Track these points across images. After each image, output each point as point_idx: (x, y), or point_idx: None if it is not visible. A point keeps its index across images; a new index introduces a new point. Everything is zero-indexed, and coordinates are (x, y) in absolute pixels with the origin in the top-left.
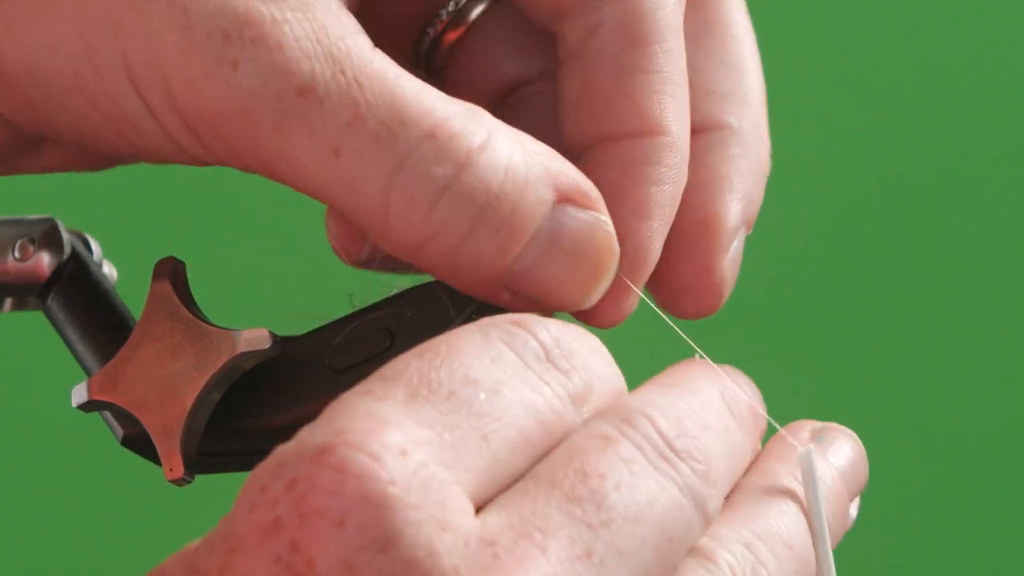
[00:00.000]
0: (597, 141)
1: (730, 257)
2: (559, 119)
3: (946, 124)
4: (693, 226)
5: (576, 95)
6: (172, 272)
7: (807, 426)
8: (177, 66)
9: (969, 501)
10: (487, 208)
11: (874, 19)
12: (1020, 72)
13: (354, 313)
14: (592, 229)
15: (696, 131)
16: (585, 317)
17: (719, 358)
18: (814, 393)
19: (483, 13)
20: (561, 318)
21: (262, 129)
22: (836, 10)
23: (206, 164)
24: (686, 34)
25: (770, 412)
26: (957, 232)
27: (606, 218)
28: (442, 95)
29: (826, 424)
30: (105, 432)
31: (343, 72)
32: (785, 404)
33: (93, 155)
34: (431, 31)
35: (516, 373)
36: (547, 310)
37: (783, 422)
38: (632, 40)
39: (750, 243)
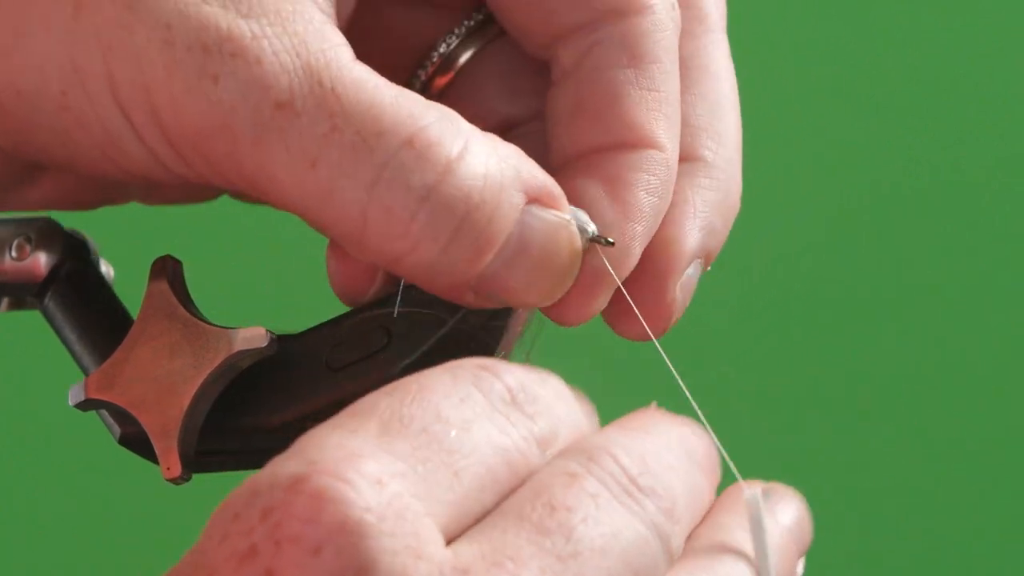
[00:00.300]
0: (588, 152)
1: (683, 281)
2: (548, 135)
3: (938, 136)
4: (650, 245)
5: (569, 109)
6: (169, 271)
7: (755, 486)
8: (160, 83)
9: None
10: (467, 218)
11: (866, 29)
12: (1011, 81)
13: (351, 311)
14: (557, 230)
15: None
16: (554, 314)
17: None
18: (800, 400)
19: (472, 57)
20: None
21: (242, 143)
22: (827, 20)
23: (191, 184)
24: None
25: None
26: (947, 244)
27: (570, 217)
28: (420, 100)
29: (773, 484)
30: (103, 431)
31: (320, 83)
32: (777, 411)
33: (85, 189)
34: (421, 74)
35: (484, 414)
36: (511, 307)
37: (746, 462)
38: (631, 58)
39: (733, 266)
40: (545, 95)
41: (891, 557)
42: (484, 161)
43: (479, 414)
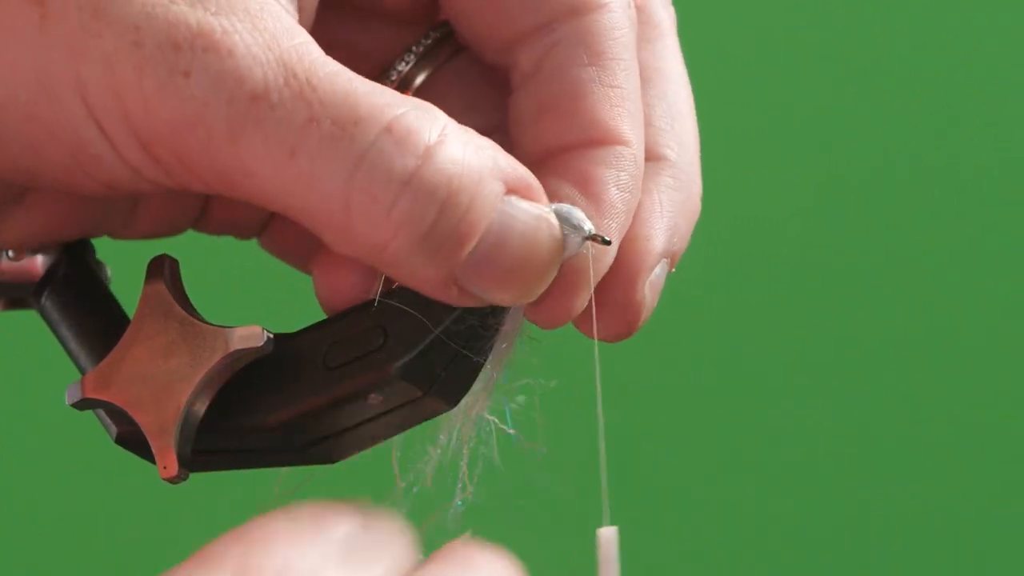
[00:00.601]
0: (556, 152)
1: (651, 280)
2: (513, 139)
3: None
4: (619, 244)
5: (533, 111)
6: (166, 270)
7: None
8: (130, 84)
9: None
10: (448, 203)
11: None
12: (995, 49)
13: (347, 311)
14: (538, 222)
15: None
16: (534, 314)
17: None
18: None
19: (430, 76)
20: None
21: (216, 138)
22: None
23: (165, 189)
24: None
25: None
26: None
27: (550, 212)
28: (394, 92)
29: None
30: (100, 430)
31: (295, 76)
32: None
33: (62, 220)
34: None
35: (327, 561)
36: (494, 304)
37: None
38: (591, 56)
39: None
40: (503, 108)
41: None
42: (462, 149)
43: (322, 562)
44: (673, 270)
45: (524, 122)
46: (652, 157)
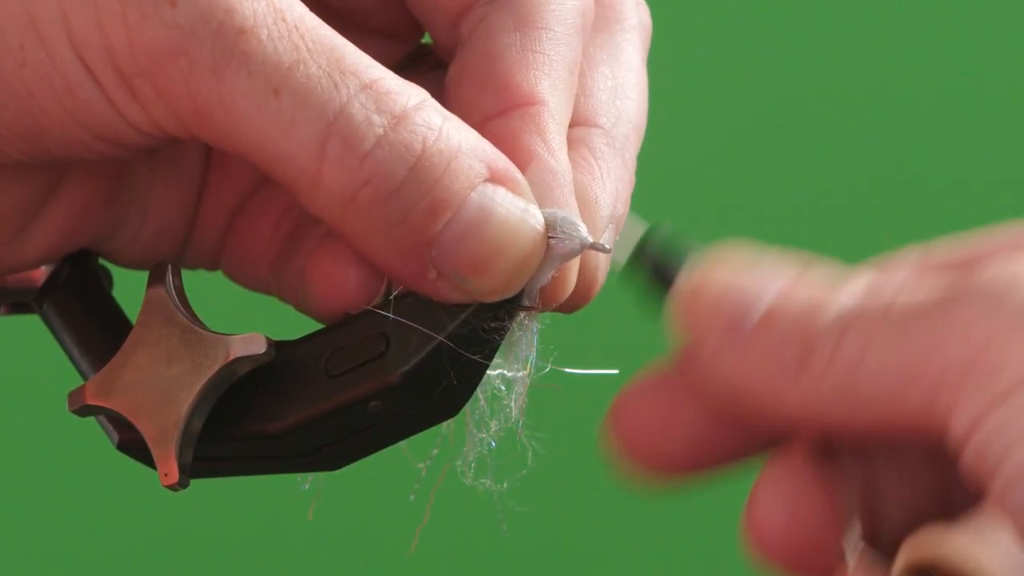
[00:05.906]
0: (480, 121)
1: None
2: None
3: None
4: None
5: (457, 78)
6: (168, 276)
7: None
8: (114, 14)
9: None
10: (423, 160)
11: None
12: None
13: (349, 318)
14: (523, 215)
15: (569, 124)
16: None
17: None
18: None
19: None
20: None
21: (198, 69)
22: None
23: (148, 140)
24: (584, 58)
25: None
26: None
27: (536, 209)
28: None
29: None
30: (102, 436)
31: (284, 20)
32: None
33: (79, 230)
34: None
35: None
36: (475, 297)
37: None
38: (517, 23)
39: None
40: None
41: None
42: (441, 120)
43: None
44: (618, 237)
45: (450, 90)
46: (589, 123)
